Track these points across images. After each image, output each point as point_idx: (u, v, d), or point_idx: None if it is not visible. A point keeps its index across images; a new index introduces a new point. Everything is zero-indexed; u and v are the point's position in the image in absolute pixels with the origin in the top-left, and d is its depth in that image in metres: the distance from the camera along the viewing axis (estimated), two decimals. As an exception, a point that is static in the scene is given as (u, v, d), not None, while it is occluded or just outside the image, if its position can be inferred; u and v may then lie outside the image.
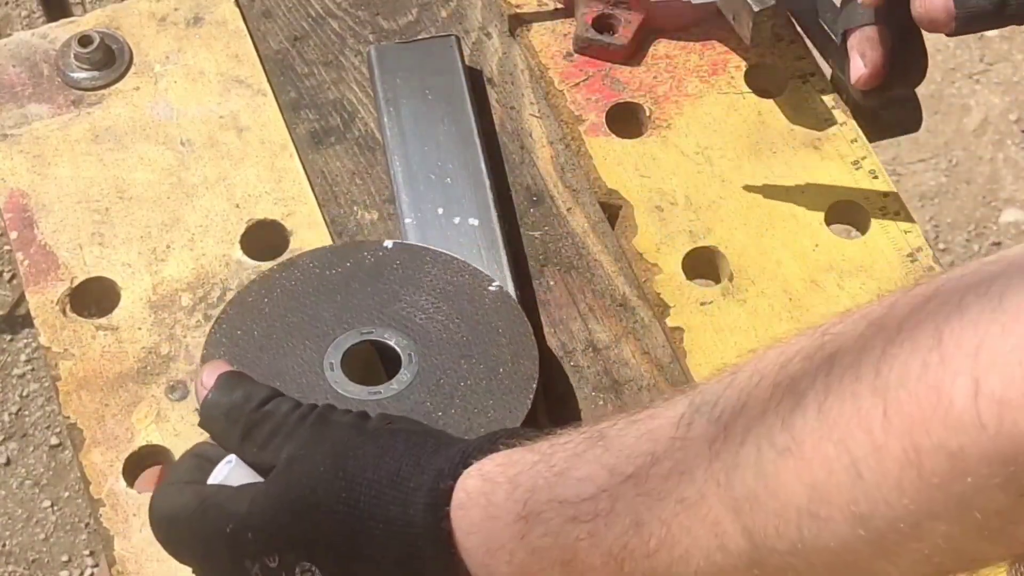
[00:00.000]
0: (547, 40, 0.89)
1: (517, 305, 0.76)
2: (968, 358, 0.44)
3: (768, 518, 0.51)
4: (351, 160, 0.86)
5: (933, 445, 0.45)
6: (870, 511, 0.48)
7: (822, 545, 0.50)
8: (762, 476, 0.51)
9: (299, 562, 0.61)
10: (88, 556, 1.73)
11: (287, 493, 0.62)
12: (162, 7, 0.90)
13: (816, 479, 0.49)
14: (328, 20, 0.91)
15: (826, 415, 0.49)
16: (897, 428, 0.46)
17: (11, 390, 1.85)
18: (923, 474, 0.46)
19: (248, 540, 0.62)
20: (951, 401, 0.45)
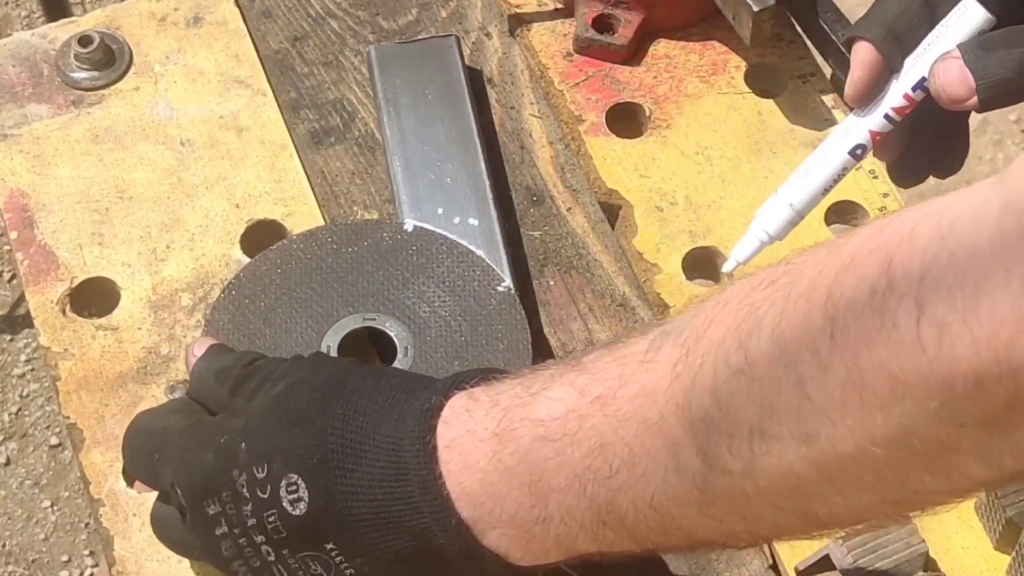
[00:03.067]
0: (547, 40, 0.89)
1: (521, 310, 0.76)
2: (914, 283, 0.45)
3: (721, 437, 0.52)
4: (351, 160, 0.86)
5: (875, 366, 0.46)
6: (815, 431, 0.49)
7: (770, 466, 0.51)
8: (715, 395, 0.52)
9: (286, 474, 0.61)
10: (88, 556, 1.73)
11: (285, 408, 0.63)
12: (162, 7, 0.90)
13: (765, 397, 0.50)
14: (328, 20, 0.91)
15: (778, 337, 0.50)
16: (842, 349, 0.47)
17: (11, 390, 1.85)
18: (864, 396, 0.47)
19: (240, 450, 0.62)
20: (894, 323, 0.45)
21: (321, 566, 0.62)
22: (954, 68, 0.68)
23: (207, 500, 0.63)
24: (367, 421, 0.61)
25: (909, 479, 0.49)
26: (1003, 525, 0.70)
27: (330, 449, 0.61)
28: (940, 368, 0.45)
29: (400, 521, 0.60)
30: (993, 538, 0.71)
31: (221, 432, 0.64)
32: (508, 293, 0.77)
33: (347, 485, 0.61)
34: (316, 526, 0.61)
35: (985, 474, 0.48)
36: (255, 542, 0.62)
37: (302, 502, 0.61)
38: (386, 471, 0.60)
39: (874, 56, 0.70)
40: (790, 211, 0.72)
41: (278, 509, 0.61)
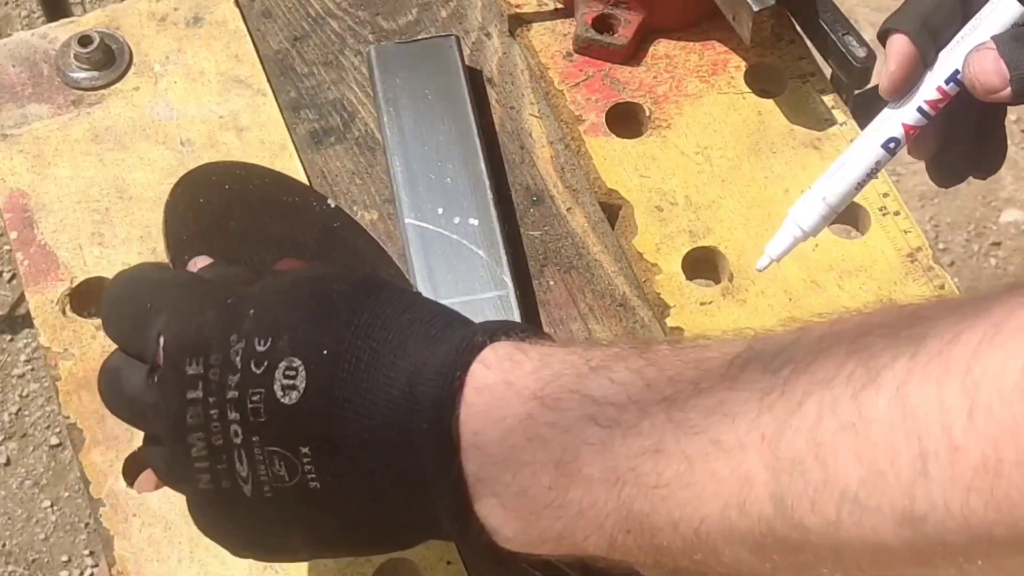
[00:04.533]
0: (547, 40, 0.89)
1: None
2: None
3: (807, 490, 0.47)
4: (351, 160, 0.86)
5: (1017, 459, 0.42)
6: (924, 513, 0.44)
7: (857, 535, 0.46)
8: (815, 444, 0.47)
9: (290, 356, 0.55)
10: (88, 556, 1.73)
11: (311, 288, 0.57)
12: (162, 7, 0.90)
13: (876, 463, 0.45)
14: (328, 20, 0.91)
15: (904, 400, 0.45)
16: (981, 433, 0.43)
17: (11, 390, 1.85)
18: (997, 487, 0.43)
19: (247, 315, 0.56)
20: None
21: (286, 468, 0.55)
22: (989, 58, 0.67)
23: (192, 358, 0.56)
24: (394, 335, 0.55)
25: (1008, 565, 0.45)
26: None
27: (346, 348, 0.54)
28: None
29: (393, 452, 0.54)
30: (993, 538, 0.71)
31: (230, 292, 0.57)
32: None
33: (350, 392, 0.54)
34: (299, 424, 0.54)
35: None
36: (227, 418, 0.55)
37: (295, 391, 0.54)
38: (399, 393, 0.54)
39: (909, 49, 0.70)
40: (824, 206, 0.71)
41: (266, 390, 0.54)
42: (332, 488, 0.55)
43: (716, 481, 0.49)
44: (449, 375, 0.54)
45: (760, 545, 0.49)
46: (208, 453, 0.56)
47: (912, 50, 0.70)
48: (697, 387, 0.51)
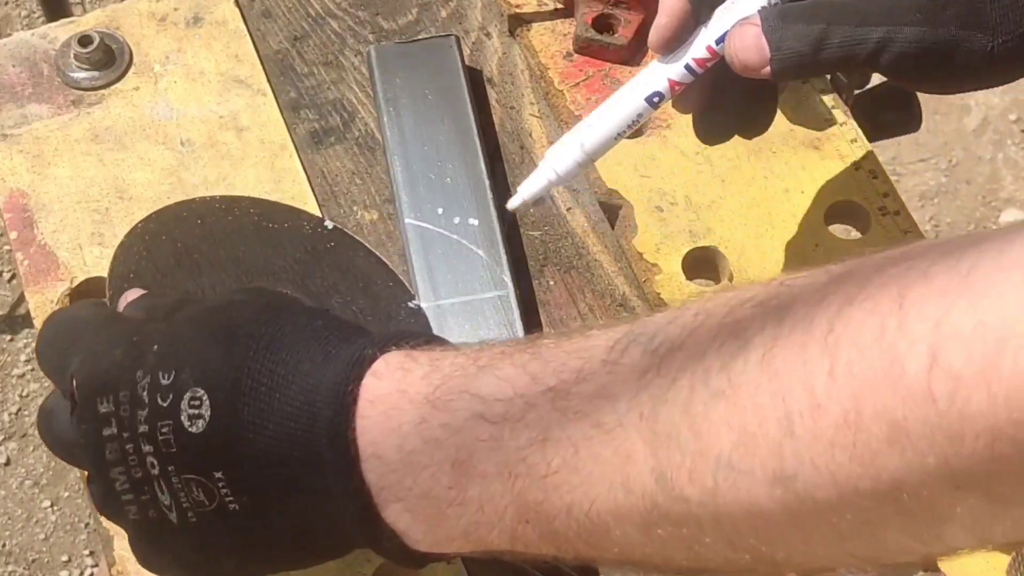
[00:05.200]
0: (547, 40, 0.89)
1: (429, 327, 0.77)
2: (928, 328, 0.42)
3: (684, 460, 0.48)
4: (351, 160, 0.86)
5: (876, 412, 0.43)
6: (794, 471, 0.45)
7: (733, 500, 0.47)
8: (689, 415, 0.48)
9: (193, 386, 0.57)
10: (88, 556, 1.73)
11: (212, 320, 0.59)
12: (162, 7, 0.90)
13: (745, 427, 0.46)
14: (328, 20, 0.91)
15: (768, 364, 0.46)
16: (841, 389, 0.44)
17: (11, 390, 1.85)
18: (859, 441, 0.44)
19: (151, 351, 0.58)
20: (903, 369, 0.42)
21: (204, 494, 0.57)
22: (750, 35, 0.66)
23: (102, 396, 0.58)
24: (291, 355, 0.57)
25: (886, 537, 0.46)
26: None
27: (246, 373, 0.56)
28: (949, 423, 0.41)
29: (298, 468, 0.56)
30: (993, 538, 0.71)
31: (138, 331, 0.60)
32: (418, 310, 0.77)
33: (253, 415, 0.56)
34: (210, 450, 0.56)
35: (968, 543, 0.45)
36: (142, 451, 0.57)
37: (201, 420, 0.56)
38: (297, 411, 0.56)
39: (682, 3, 0.68)
40: (581, 152, 0.70)
41: (174, 421, 0.56)
42: (249, 509, 0.57)
43: (601, 463, 0.50)
44: (342, 391, 0.56)
45: (646, 522, 0.50)
46: (131, 486, 0.58)
47: (684, 4, 0.68)
48: (580, 375, 0.52)
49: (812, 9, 0.67)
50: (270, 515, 0.57)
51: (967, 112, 2.07)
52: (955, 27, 0.67)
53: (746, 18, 0.67)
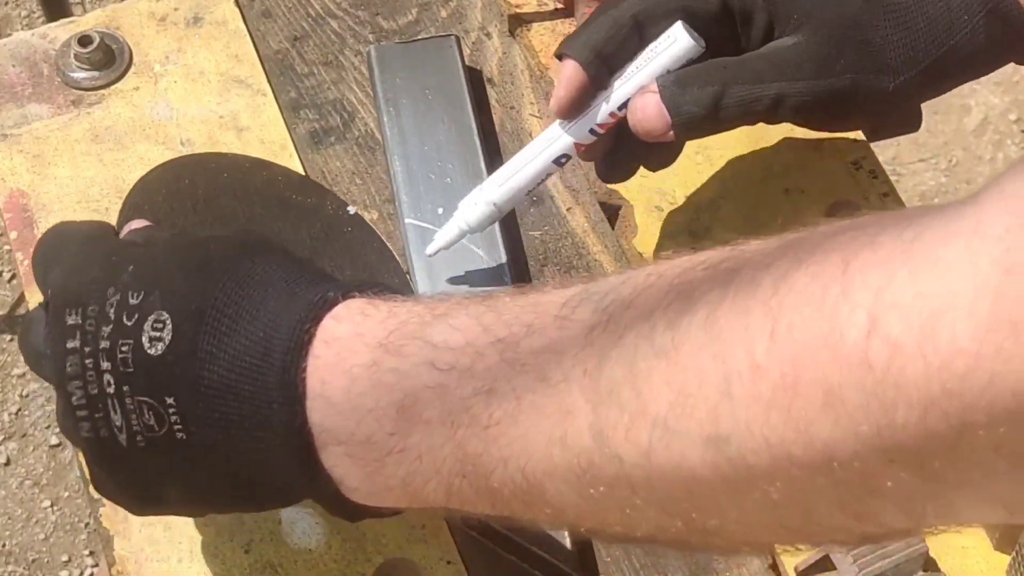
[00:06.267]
0: (547, 40, 0.89)
1: None
2: (870, 294, 0.42)
3: (622, 418, 0.48)
4: (351, 160, 0.86)
5: (813, 377, 0.43)
6: (728, 434, 0.45)
7: (667, 461, 0.47)
8: (631, 373, 0.48)
9: (159, 309, 0.57)
10: (88, 556, 1.73)
11: (190, 250, 0.60)
12: (162, 7, 0.90)
13: (684, 387, 0.46)
14: (328, 20, 0.91)
15: (712, 324, 0.46)
16: (780, 352, 0.44)
17: (11, 390, 1.85)
18: (794, 405, 0.43)
19: (127, 271, 0.59)
20: (842, 335, 0.42)
21: (155, 419, 0.57)
22: (651, 103, 0.70)
23: (71, 308, 0.59)
24: (259, 292, 0.57)
25: (817, 509, 0.45)
26: (1003, 525, 0.70)
27: (212, 304, 0.57)
28: (884, 391, 0.41)
29: (246, 402, 0.56)
30: (993, 538, 0.71)
31: (119, 251, 0.61)
32: None
33: (211, 345, 0.56)
34: (165, 375, 0.57)
35: (899, 524, 0.45)
36: (100, 367, 0.58)
37: (161, 343, 0.57)
38: (254, 345, 0.56)
39: (579, 75, 0.72)
40: (493, 208, 0.75)
41: (135, 341, 0.57)
42: (196, 439, 0.57)
43: (542, 417, 0.50)
44: (299, 329, 0.56)
45: (581, 481, 0.50)
46: (86, 402, 0.58)
47: (582, 76, 0.72)
48: (530, 328, 0.52)
49: (707, 73, 0.70)
50: (216, 448, 0.57)
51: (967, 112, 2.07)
52: (851, 74, 0.71)
53: (645, 87, 0.71)
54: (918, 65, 0.71)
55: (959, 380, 0.40)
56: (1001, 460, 0.41)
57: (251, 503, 0.61)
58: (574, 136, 0.73)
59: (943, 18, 0.71)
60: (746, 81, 0.70)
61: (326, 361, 0.56)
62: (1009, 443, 0.40)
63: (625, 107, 0.71)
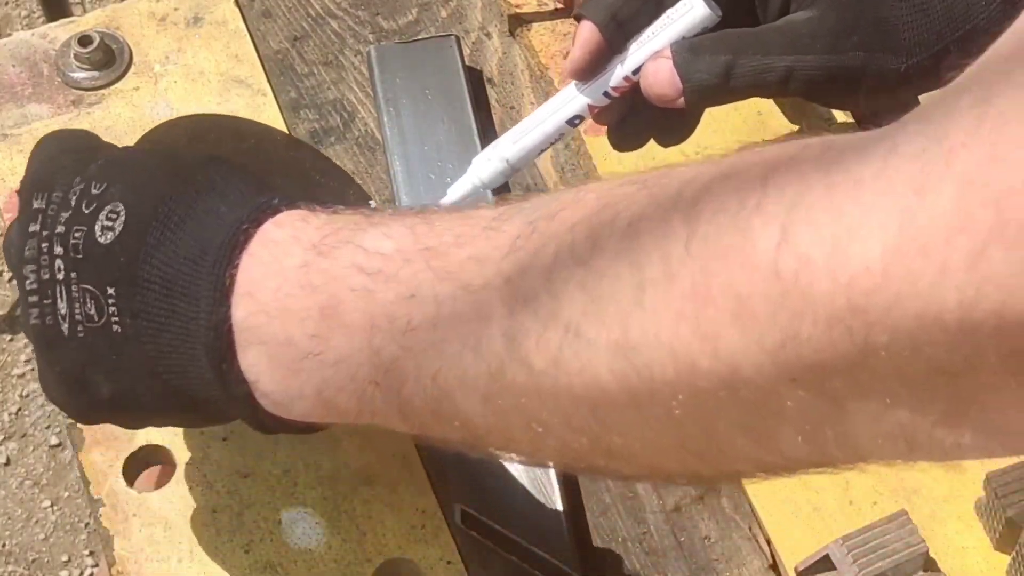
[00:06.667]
0: (547, 40, 0.89)
1: None
2: (784, 207, 0.41)
3: (536, 324, 0.48)
4: (351, 160, 0.86)
5: (723, 285, 0.42)
6: (636, 342, 0.45)
7: (575, 370, 0.46)
8: (549, 280, 0.48)
9: (116, 201, 0.58)
10: (88, 556, 1.73)
11: (163, 155, 0.62)
12: (162, 7, 0.90)
13: (598, 295, 0.46)
14: (328, 20, 0.91)
15: (632, 233, 0.46)
16: (694, 260, 0.43)
17: (11, 390, 1.85)
18: (703, 315, 0.43)
19: (95, 164, 0.61)
20: (754, 244, 0.42)
21: (95, 308, 0.58)
22: (664, 68, 0.70)
23: (39, 193, 0.61)
24: (213, 199, 0.58)
25: (719, 431, 0.45)
26: (1003, 525, 0.70)
27: (166, 202, 0.58)
28: (791, 303, 0.40)
29: (179, 298, 0.57)
30: (993, 538, 0.71)
31: (94, 148, 0.63)
32: None
33: (156, 239, 0.57)
34: (109, 264, 0.58)
35: (800, 452, 0.44)
36: (53, 252, 0.59)
37: (111, 233, 0.58)
38: (194, 244, 0.57)
39: (596, 37, 0.71)
40: (505, 165, 0.74)
41: (88, 228, 0.58)
42: (130, 332, 0.58)
43: (459, 323, 0.50)
44: (237, 229, 0.57)
45: (490, 389, 0.50)
46: (38, 287, 0.59)
47: (598, 38, 0.71)
48: (460, 239, 0.52)
49: (721, 42, 0.70)
50: (146, 343, 0.58)
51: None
52: (863, 52, 0.70)
53: (659, 52, 0.70)
54: (931, 48, 0.71)
55: (864, 297, 0.39)
56: (903, 388, 0.40)
57: (174, 409, 0.61)
58: (589, 97, 0.73)
59: (961, 2, 0.71)
60: (758, 52, 0.70)
61: (260, 261, 0.56)
62: (910, 369, 0.40)
63: (639, 72, 0.72)
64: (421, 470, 0.73)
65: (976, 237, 0.37)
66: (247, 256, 0.56)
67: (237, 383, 0.56)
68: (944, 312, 0.38)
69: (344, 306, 0.54)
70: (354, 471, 0.72)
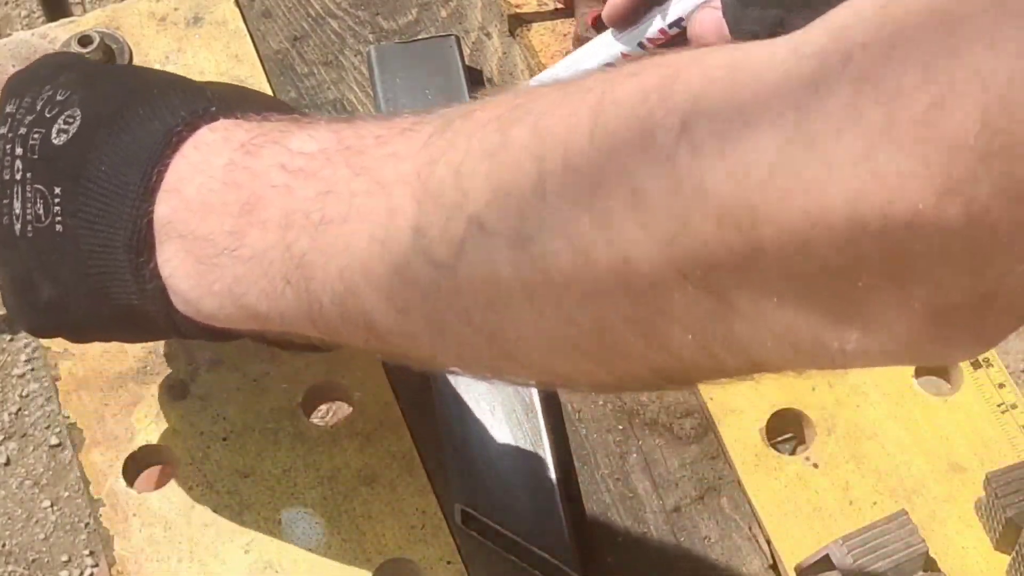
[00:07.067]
0: (547, 40, 0.89)
1: None
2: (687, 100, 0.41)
3: (441, 216, 0.48)
4: (351, 160, 0.86)
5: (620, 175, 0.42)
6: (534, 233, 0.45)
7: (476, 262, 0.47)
8: (457, 173, 0.48)
9: (74, 107, 0.60)
10: (88, 556, 1.73)
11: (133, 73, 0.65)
12: (162, 7, 0.90)
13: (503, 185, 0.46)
14: (328, 20, 0.91)
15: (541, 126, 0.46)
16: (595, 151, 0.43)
17: (11, 390, 1.85)
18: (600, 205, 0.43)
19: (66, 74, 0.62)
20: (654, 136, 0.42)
21: (43, 207, 0.60)
22: (712, 18, 0.70)
23: (14, 99, 0.62)
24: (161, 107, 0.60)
25: (612, 329, 0.45)
26: (1003, 525, 0.70)
27: (121, 112, 0.60)
28: (685, 193, 0.41)
29: (112, 197, 0.58)
30: (993, 538, 0.71)
31: (73, 63, 0.64)
32: None
33: (103, 141, 0.59)
34: (59, 165, 0.59)
35: (693, 356, 0.44)
36: (15, 153, 0.61)
37: (65, 135, 0.60)
38: (133, 146, 0.59)
39: None
40: None
41: (46, 130, 0.60)
42: (68, 232, 0.59)
43: (370, 216, 0.51)
44: (172, 131, 0.58)
45: (392, 288, 0.50)
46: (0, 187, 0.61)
47: None
48: (379, 139, 0.53)
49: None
50: (80, 243, 0.59)
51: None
52: None
53: (708, 2, 0.70)
54: None
55: (755, 191, 0.39)
56: (789, 288, 0.41)
57: (103, 315, 0.61)
58: (625, 46, 0.72)
59: None
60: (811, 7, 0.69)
61: (189, 160, 0.57)
62: (797, 268, 0.40)
63: (677, 25, 0.71)
64: (421, 470, 0.73)
65: (865, 136, 0.37)
66: (179, 156, 0.58)
67: (151, 278, 0.58)
68: (830, 209, 0.38)
69: (264, 203, 0.55)
70: (354, 471, 0.72)
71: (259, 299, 0.55)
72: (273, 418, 0.74)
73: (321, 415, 0.82)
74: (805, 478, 0.73)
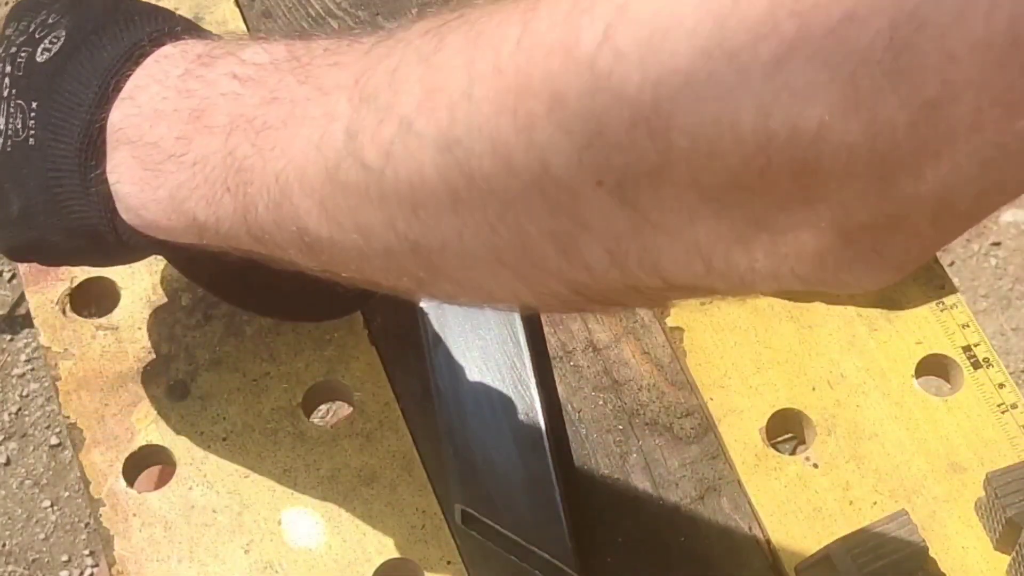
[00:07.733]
0: (547, 40, 0.89)
1: None
2: (612, 8, 0.42)
3: (373, 119, 0.48)
4: (351, 160, 0.86)
5: (543, 79, 0.43)
6: (460, 136, 0.45)
7: (403, 165, 0.47)
8: (392, 78, 0.48)
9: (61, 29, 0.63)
10: (88, 556, 1.73)
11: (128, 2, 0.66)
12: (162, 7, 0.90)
13: (433, 86, 0.46)
14: (328, 20, 0.91)
15: (474, 32, 0.46)
16: (521, 55, 0.44)
17: (11, 390, 1.85)
18: (523, 109, 0.43)
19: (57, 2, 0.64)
20: (578, 40, 0.42)
21: (22, 121, 0.62)
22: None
23: (13, 22, 0.65)
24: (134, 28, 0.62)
25: (530, 240, 0.46)
26: (1003, 525, 0.70)
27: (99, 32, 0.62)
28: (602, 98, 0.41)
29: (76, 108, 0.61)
30: (993, 538, 0.71)
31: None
32: None
33: (82, 58, 0.61)
34: (38, 80, 0.62)
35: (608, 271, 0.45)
36: (4, 71, 0.63)
37: (48, 53, 0.62)
38: (100, 62, 0.61)
39: None
40: None
41: (32, 50, 0.63)
42: (38, 144, 0.61)
43: (308, 121, 0.51)
44: (136, 46, 0.61)
45: (324, 192, 0.51)
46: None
47: None
48: (327, 51, 0.54)
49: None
50: (47, 155, 0.61)
51: None
52: None
53: None
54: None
55: (668, 98, 0.40)
56: (700, 201, 0.41)
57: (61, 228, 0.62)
58: None
59: None
60: None
61: (148, 71, 0.60)
62: (708, 180, 0.40)
63: None
64: (421, 470, 0.73)
65: (779, 46, 0.37)
66: (140, 68, 0.60)
67: (97, 183, 0.60)
68: (741, 119, 0.39)
69: (212, 110, 0.56)
70: (354, 471, 0.72)
71: (198, 205, 0.56)
72: (273, 418, 0.74)
73: (321, 415, 0.82)
74: (805, 478, 0.73)
